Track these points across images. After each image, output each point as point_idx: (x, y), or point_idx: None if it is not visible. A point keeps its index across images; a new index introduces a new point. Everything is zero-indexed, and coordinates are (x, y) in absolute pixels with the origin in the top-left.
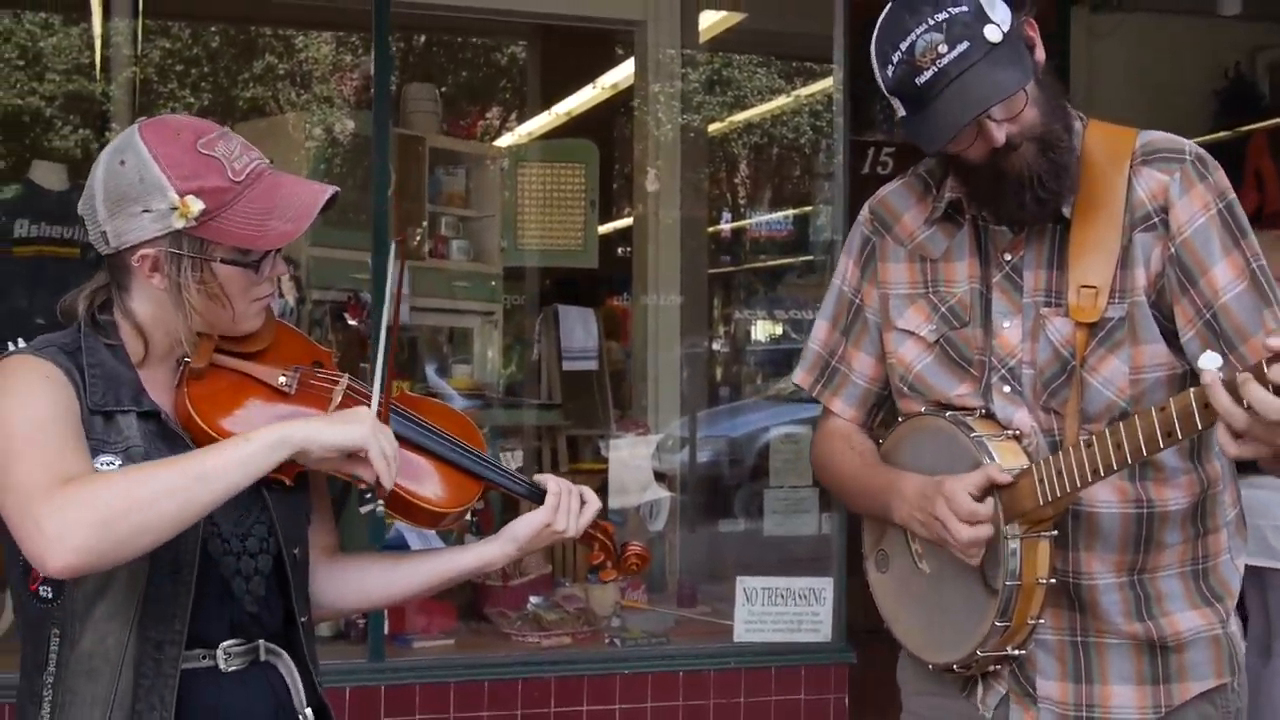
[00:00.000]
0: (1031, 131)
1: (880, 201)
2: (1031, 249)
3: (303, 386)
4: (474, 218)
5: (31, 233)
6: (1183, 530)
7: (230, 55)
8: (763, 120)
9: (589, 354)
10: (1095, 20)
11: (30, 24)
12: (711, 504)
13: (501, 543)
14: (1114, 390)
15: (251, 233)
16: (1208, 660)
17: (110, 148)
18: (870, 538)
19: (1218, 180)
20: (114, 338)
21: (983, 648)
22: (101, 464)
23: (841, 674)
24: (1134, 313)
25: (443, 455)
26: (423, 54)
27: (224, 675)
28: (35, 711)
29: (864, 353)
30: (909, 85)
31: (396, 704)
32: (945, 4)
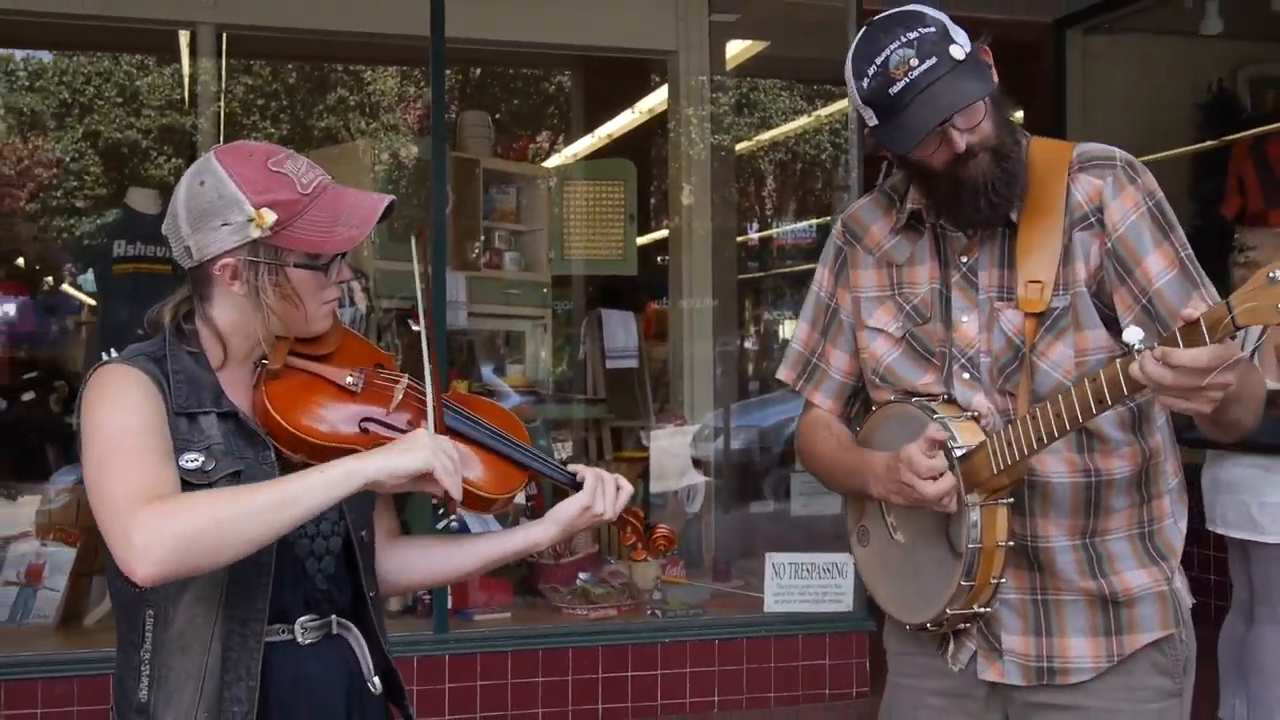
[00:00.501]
0: (987, 142)
1: (850, 216)
2: (985, 251)
3: (367, 386)
4: (524, 232)
5: (129, 252)
6: (1128, 496)
7: (305, 89)
8: (786, 139)
9: (629, 353)
10: (1089, 41)
11: (128, 65)
12: (743, 487)
13: (545, 525)
14: (1061, 372)
15: (320, 238)
16: (1155, 614)
17: (189, 172)
18: (852, 516)
19: (1146, 182)
20: (195, 345)
21: (951, 606)
22: (185, 461)
23: (862, 640)
24: (1076, 302)
25: (492, 447)
26: (478, 84)
27: (301, 648)
28: (134, 684)
29: (840, 350)
30: (882, 95)
31: (459, 672)
32: (915, 25)
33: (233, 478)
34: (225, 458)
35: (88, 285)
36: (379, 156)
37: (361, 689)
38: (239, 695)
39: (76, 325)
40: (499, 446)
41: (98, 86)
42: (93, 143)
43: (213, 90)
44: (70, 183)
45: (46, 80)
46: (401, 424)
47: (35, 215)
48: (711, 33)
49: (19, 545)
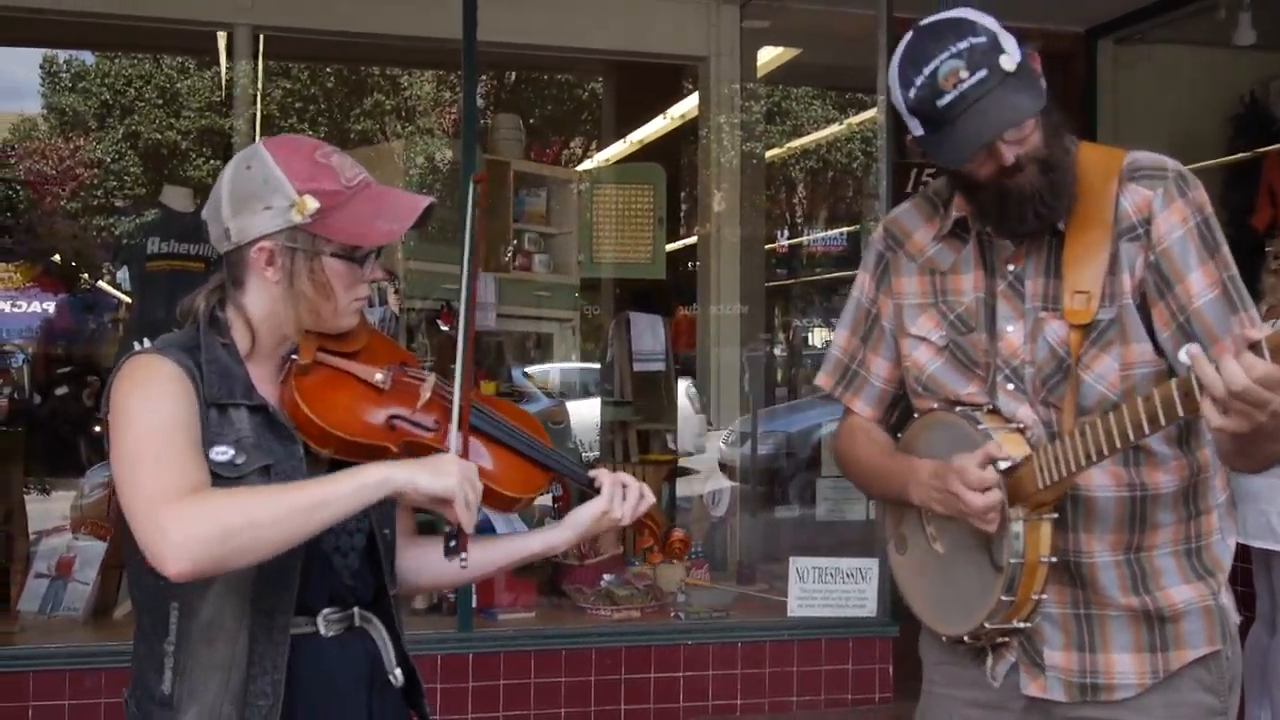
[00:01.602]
0: (1036, 154)
1: (893, 221)
2: (1031, 260)
3: (396, 383)
4: (554, 234)
5: (163, 250)
6: (1175, 512)
7: (342, 93)
8: (816, 146)
9: (657, 357)
10: (1120, 52)
11: (168, 68)
12: (769, 492)
13: (563, 529)
14: (1106, 385)
15: (360, 230)
16: (1201, 629)
17: (236, 158)
18: (890, 523)
19: (1196, 196)
20: (227, 336)
21: (990, 620)
22: (216, 454)
23: (886, 646)
24: (1123, 315)
25: (516, 448)
26: (511, 89)
27: (325, 640)
28: (157, 676)
29: (880, 357)
30: (930, 106)
31: (482, 670)
32: (966, 34)
33: (262, 472)
34: (255, 451)
35: (125, 283)
36: (413, 159)
37: (383, 681)
38: (264, 688)
39: (113, 322)
40: (522, 448)
41: (138, 88)
42: (132, 143)
43: (250, 92)
44: (110, 182)
45: (89, 81)
46: (429, 423)
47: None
48: (743, 39)
49: (51, 539)
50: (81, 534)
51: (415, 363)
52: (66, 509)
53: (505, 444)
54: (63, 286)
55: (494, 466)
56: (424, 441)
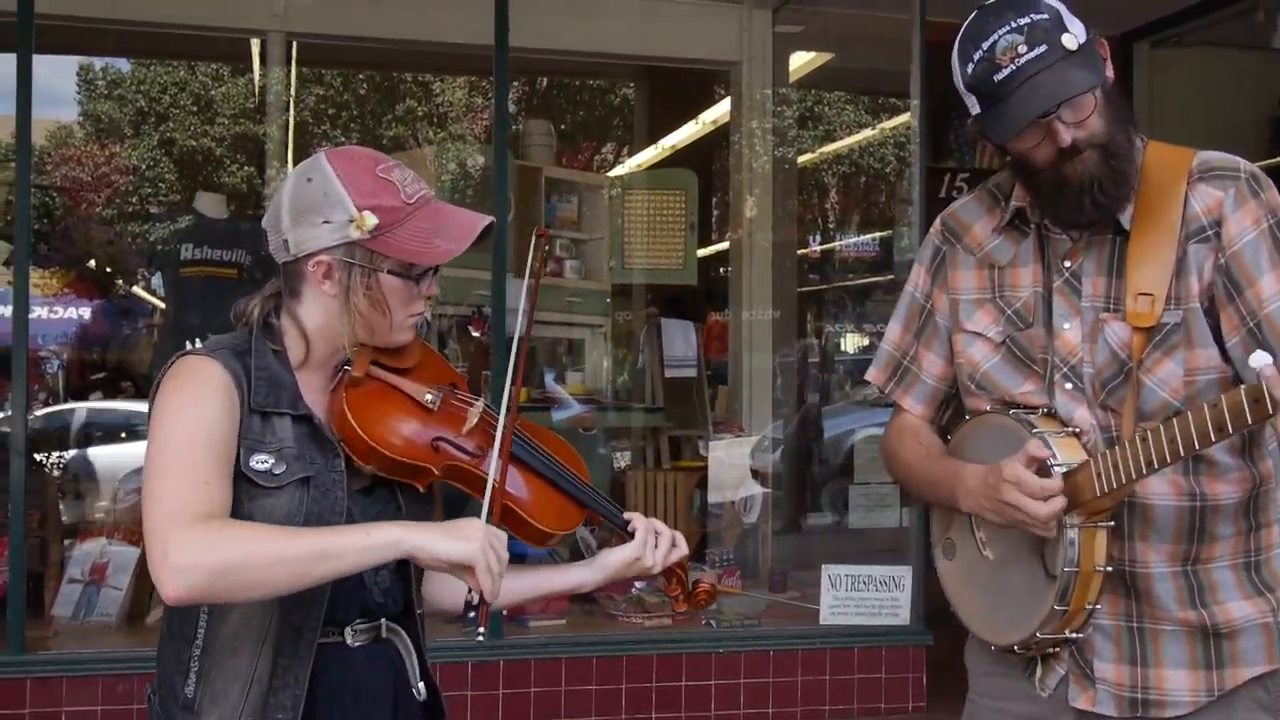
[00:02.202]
0: (1096, 139)
1: (951, 214)
2: (1090, 257)
3: (444, 405)
4: (585, 240)
5: (196, 256)
6: (1235, 524)
7: (375, 99)
8: (850, 151)
9: (689, 362)
10: (1156, 55)
11: (203, 75)
12: (801, 499)
13: (593, 569)
14: (1168, 391)
15: (418, 248)
16: (1259, 646)
17: (298, 169)
18: (939, 528)
19: (1270, 198)
20: (279, 343)
21: (1042, 630)
22: (256, 462)
23: (919, 655)
24: (1189, 319)
25: (556, 483)
26: (544, 95)
27: (350, 650)
28: (181, 680)
29: (933, 354)
30: (987, 81)
31: (513, 678)
32: (1028, 10)
33: (301, 484)
34: (296, 463)
35: (159, 289)
36: (445, 165)
37: (407, 695)
38: (284, 702)
39: (148, 328)
40: (562, 484)
41: (173, 95)
42: (167, 150)
43: (283, 99)
44: (145, 189)
45: (125, 89)
46: (471, 447)
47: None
48: (775, 44)
49: (85, 544)
50: (115, 539)
51: (464, 384)
52: (101, 515)
53: (545, 477)
54: (98, 292)
55: (530, 498)
56: (465, 466)
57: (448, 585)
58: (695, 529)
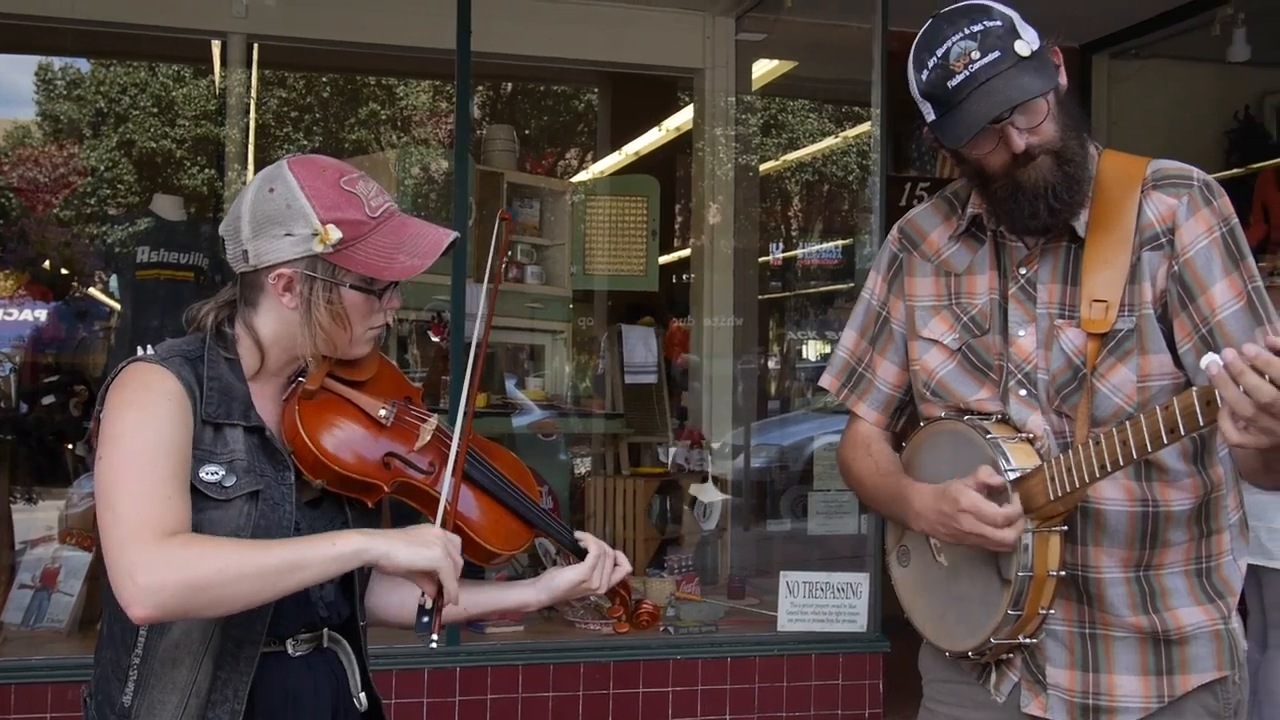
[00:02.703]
0: (1049, 145)
1: (908, 222)
2: (1046, 264)
3: (398, 421)
4: (547, 246)
5: (153, 258)
6: (1187, 530)
7: (338, 102)
8: (812, 159)
9: (649, 369)
10: (1115, 66)
11: (163, 76)
12: (761, 505)
13: (538, 590)
14: (1122, 397)
15: (381, 263)
16: (1209, 654)
17: (260, 177)
18: (893, 535)
19: (1222, 206)
20: (233, 351)
21: (996, 635)
22: (206, 473)
23: (876, 662)
24: (1142, 325)
25: (506, 503)
26: (507, 100)
27: (291, 659)
28: (119, 688)
29: (888, 360)
30: (941, 88)
31: (470, 684)
32: (981, 18)
33: (250, 497)
34: (246, 475)
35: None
36: (408, 169)
37: (348, 704)
38: (222, 715)
39: (104, 331)
40: (513, 503)
41: (133, 96)
42: (126, 151)
43: (245, 101)
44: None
45: (84, 89)
46: (424, 464)
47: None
48: (738, 52)
49: (36, 549)
50: (67, 545)
51: (419, 398)
52: (52, 519)
53: (495, 496)
54: (52, 294)
55: (480, 518)
56: (416, 483)
57: (394, 596)
58: (654, 535)
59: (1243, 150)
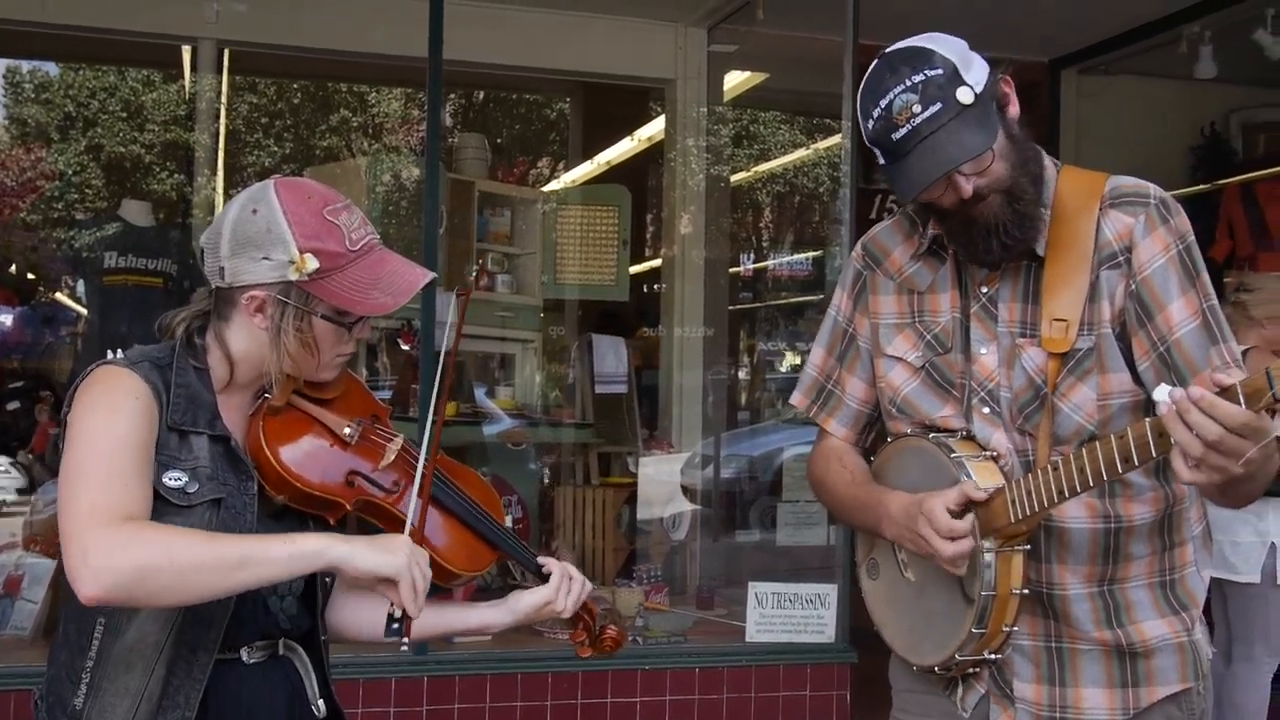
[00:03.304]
0: (999, 185)
1: (871, 239)
2: (1006, 283)
3: (363, 439)
4: (518, 254)
5: (120, 264)
6: (1150, 544)
7: (309, 109)
8: (783, 171)
9: (619, 379)
10: (1084, 81)
11: (133, 81)
12: (730, 516)
13: (502, 611)
14: (1083, 415)
15: (355, 298)
16: (1174, 666)
17: (246, 195)
18: (863, 548)
19: (1179, 224)
20: (202, 361)
21: (961, 652)
22: (169, 479)
23: (844, 673)
24: (1101, 344)
25: (470, 524)
26: (479, 108)
27: (246, 666)
28: (72, 689)
29: (856, 377)
30: (886, 139)
31: (437, 694)
32: (922, 66)
33: (212, 505)
34: (209, 483)
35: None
36: (379, 177)
37: (304, 712)
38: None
39: (71, 336)
40: (477, 525)
41: (102, 100)
42: (95, 155)
43: (215, 107)
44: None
45: (52, 93)
46: (388, 483)
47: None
48: (710, 63)
49: (0, 556)
50: (31, 552)
51: (386, 417)
52: (17, 526)
53: (459, 518)
54: (18, 299)
55: (444, 539)
56: (379, 502)
57: (362, 614)
58: (623, 545)
59: (1208, 166)
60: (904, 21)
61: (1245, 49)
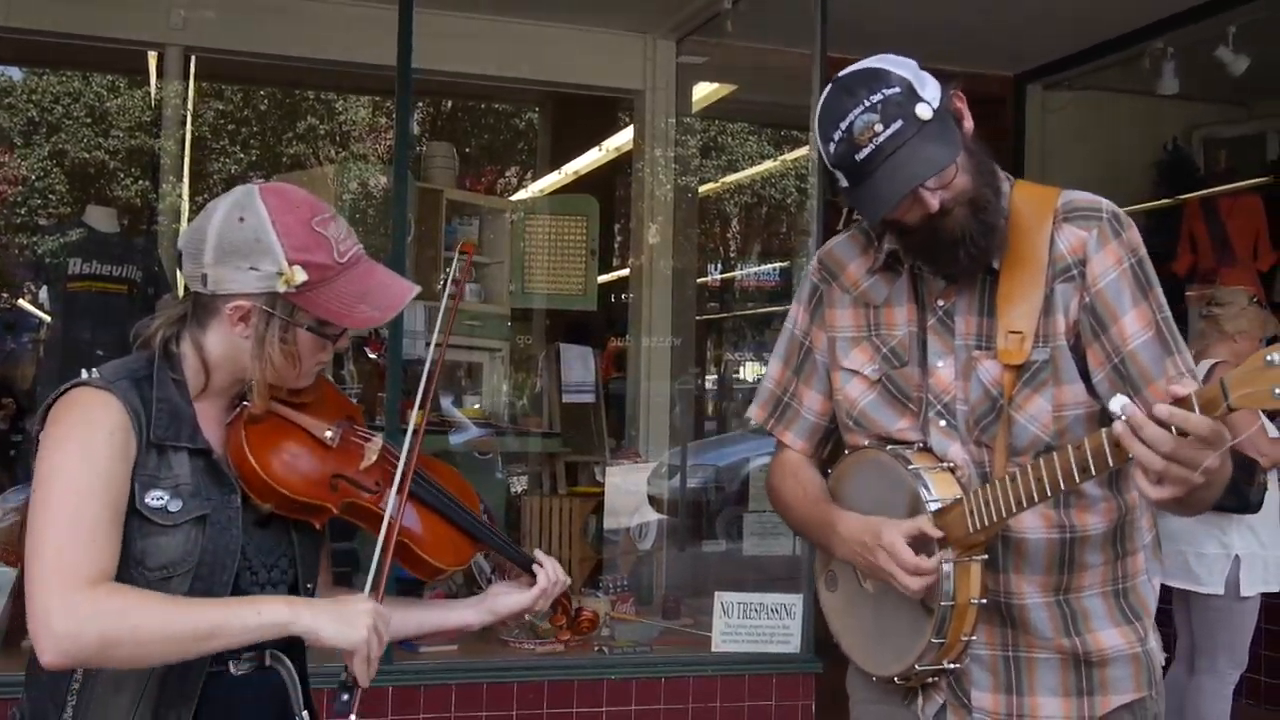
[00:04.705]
0: (963, 196)
1: (828, 253)
2: (963, 296)
3: (343, 442)
4: (486, 263)
5: (84, 270)
6: (1103, 553)
7: (276, 116)
8: (751, 182)
9: (587, 388)
10: (1048, 97)
11: (98, 86)
12: (697, 526)
13: (480, 612)
14: (1039, 426)
15: (341, 310)
16: (1128, 675)
17: (230, 201)
18: (821, 560)
19: (1131, 237)
20: (179, 371)
21: (920, 662)
22: (151, 499)
23: (809, 682)
24: (1056, 356)
25: (452, 519)
26: (448, 117)
27: (234, 678)
28: (57, 714)
29: (813, 390)
30: (849, 161)
31: (402, 704)
32: (879, 86)
33: (197, 523)
34: (192, 500)
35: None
36: (346, 185)
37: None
38: None
39: (33, 343)
40: (459, 520)
41: (66, 106)
42: (59, 161)
43: (181, 113)
44: (34, 200)
45: (15, 98)
46: (370, 484)
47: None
48: (679, 74)
49: None
50: None
51: (360, 416)
52: None
53: (441, 513)
54: None
55: (425, 534)
56: (363, 503)
57: None
58: (590, 555)
59: (1171, 181)
60: (872, 35)
61: (1207, 66)
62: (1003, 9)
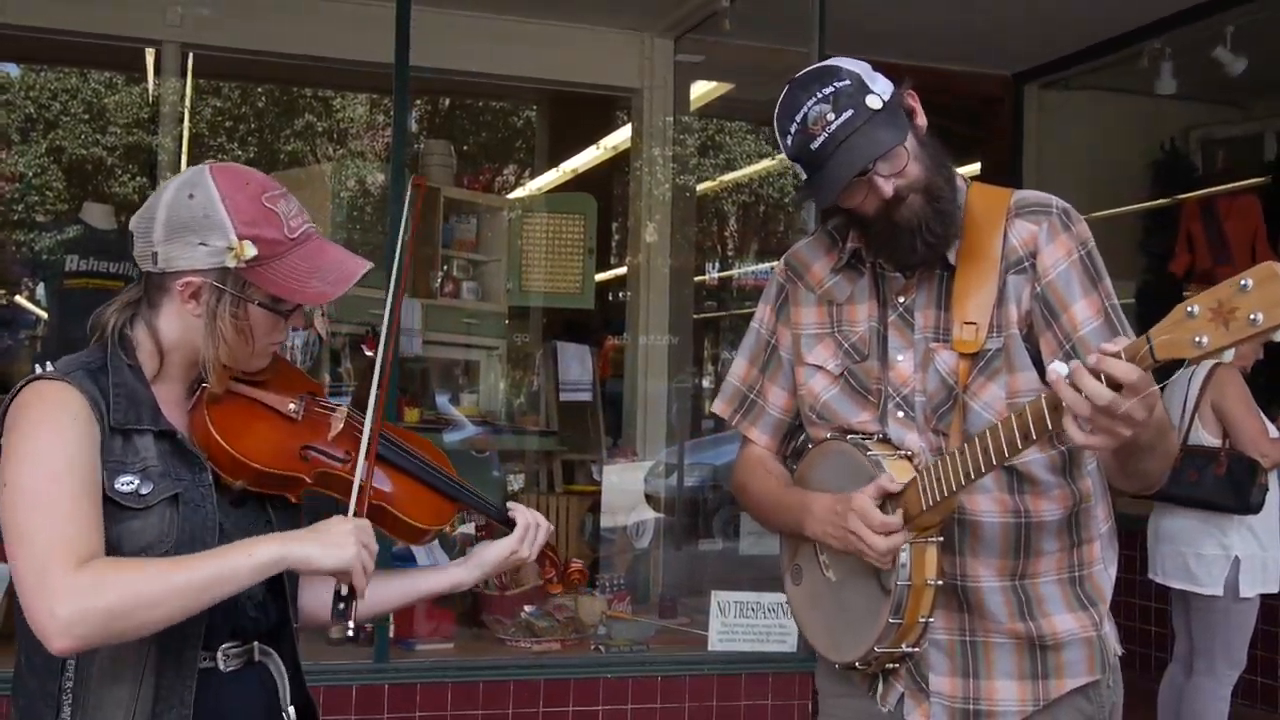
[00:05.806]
0: (916, 184)
1: (793, 254)
2: (922, 292)
3: (308, 414)
4: (483, 262)
5: (81, 267)
6: (1059, 540)
7: (273, 113)
8: (748, 180)
9: (584, 386)
10: (1046, 97)
11: (95, 83)
12: (693, 525)
13: (469, 567)
14: (993, 413)
15: (293, 286)
16: (1082, 659)
17: (180, 180)
18: (786, 554)
19: (1080, 231)
20: (133, 357)
21: (880, 644)
22: (121, 484)
23: (805, 682)
24: (1009, 344)
25: (425, 480)
26: (445, 115)
27: (223, 675)
28: (53, 713)
29: (778, 387)
30: (805, 151)
31: (399, 702)
32: (830, 80)
33: (170, 502)
34: (162, 480)
35: (43, 300)
36: (344, 182)
37: (279, 718)
38: None
39: (30, 340)
40: (432, 480)
41: (64, 102)
42: (56, 158)
43: (179, 110)
44: (32, 197)
45: (13, 94)
46: (339, 453)
47: None
48: (676, 73)
49: None
50: None
51: (322, 392)
52: None
53: (414, 475)
54: None
55: (403, 496)
56: (336, 472)
57: (320, 595)
58: (586, 553)
59: (1169, 181)
60: (871, 35)
61: (1205, 66)
62: (1001, 9)
